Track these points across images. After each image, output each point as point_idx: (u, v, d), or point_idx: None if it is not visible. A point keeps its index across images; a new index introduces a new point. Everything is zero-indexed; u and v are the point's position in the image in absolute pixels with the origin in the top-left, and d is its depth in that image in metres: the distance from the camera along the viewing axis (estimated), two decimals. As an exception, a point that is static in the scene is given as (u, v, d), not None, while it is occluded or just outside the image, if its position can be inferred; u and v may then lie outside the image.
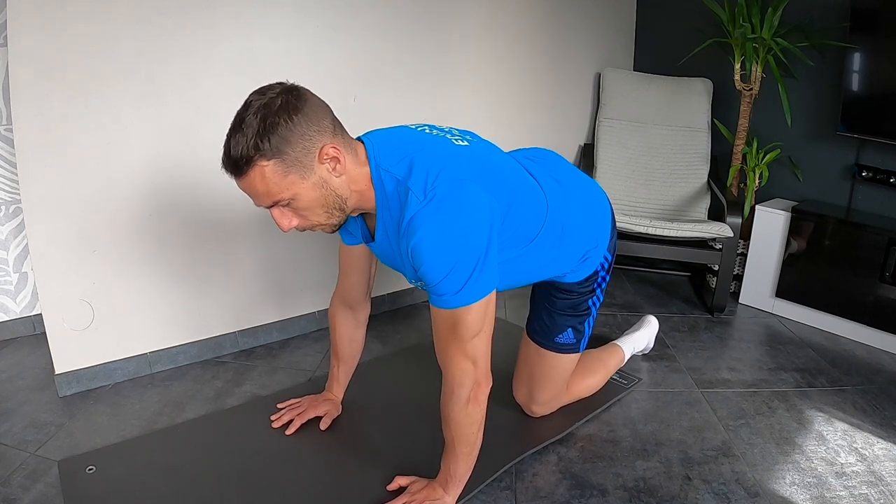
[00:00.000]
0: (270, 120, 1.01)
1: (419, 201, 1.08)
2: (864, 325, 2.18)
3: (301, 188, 1.06)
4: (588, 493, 1.41)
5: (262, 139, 1.00)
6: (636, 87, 2.78)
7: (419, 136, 1.20)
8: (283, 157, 1.02)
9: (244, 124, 1.01)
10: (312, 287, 2.19)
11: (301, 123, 1.03)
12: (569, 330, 1.52)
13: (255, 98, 1.04)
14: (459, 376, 1.17)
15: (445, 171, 1.10)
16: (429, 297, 1.15)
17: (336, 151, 1.08)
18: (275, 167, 1.02)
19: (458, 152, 1.17)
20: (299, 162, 1.04)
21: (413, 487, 1.33)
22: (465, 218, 1.08)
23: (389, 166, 1.13)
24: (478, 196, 1.10)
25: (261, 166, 1.02)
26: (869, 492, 1.43)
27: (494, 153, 1.27)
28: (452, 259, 1.08)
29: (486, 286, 1.13)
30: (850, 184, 2.39)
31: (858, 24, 2.16)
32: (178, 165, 1.81)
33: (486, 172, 1.17)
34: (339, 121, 1.12)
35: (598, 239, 1.45)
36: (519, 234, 1.26)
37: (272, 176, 1.03)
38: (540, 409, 1.63)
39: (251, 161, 1.01)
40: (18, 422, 1.65)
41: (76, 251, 1.71)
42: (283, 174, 1.03)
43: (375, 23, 2.09)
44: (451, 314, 1.13)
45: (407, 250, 1.11)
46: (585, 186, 1.48)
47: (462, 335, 1.13)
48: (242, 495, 1.36)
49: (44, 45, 1.53)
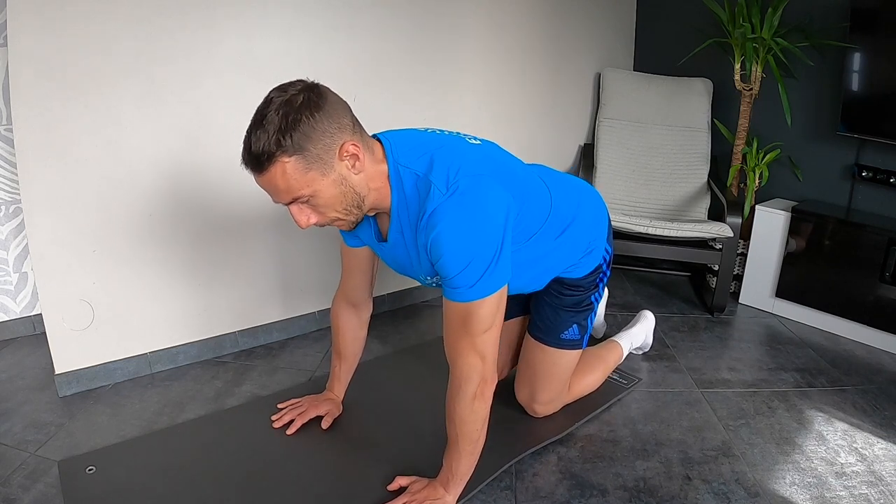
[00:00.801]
0: (293, 116, 1.01)
1: (441, 194, 1.10)
2: (864, 325, 2.18)
3: (321, 185, 1.07)
4: (588, 493, 1.41)
5: (284, 135, 1.01)
6: (636, 87, 2.78)
7: (434, 135, 1.24)
8: (304, 154, 1.03)
9: (265, 120, 1.02)
10: (313, 287, 2.19)
11: (322, 120, 1.03)
12: (574, 326, 1.54)
13: (276, 95, 1.04)
14: (468, 371, 1.18)
15: (465, 167, 1.12)
16: (443, 290, 1.17)
17: (356, 149, 1.09)
18: (296, 163, 1.03)
19: (473, 150, 1.21)
20: (320, 159, 1.05)
21: (413, 487, 1.33)
22: (485, 212, 1.11)
23: (409, 163, 1.15)
24: (496, 191, 1.13)
25: (282, 162, 1.02)
26: (869, 492, 1.43)
27: (503, 152, 1.32)
28: (472, 252, 1.10)
29: (500, 280, 1.15)
30: (850, 184, 2.39)
31: (858, 24, 2.16)
32: (178, 165, 1.81)
33: (501, 169, 1.21)
34: (357, 119, 1.13)
35: (598, 229, 1.50)
36: (528, 228, 1.29)
37: (293, 172, 1.03)
38: (542, 409, 1.63)
39: (273, 157, 1.02)
40: (18, 422, 1.65)
41: (76, 251, 1.71)
42: (304, 171, 1.04)
43: (375, 23, 2.09)
44: (465, 307, 1.14)
45: (426, 244, 1.13)
46: (575, 182, 1.55)
47: (474, 329, 1.15)
48: (243, 495, 1.36)
49: (44, 45, 1.53)
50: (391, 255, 1.30)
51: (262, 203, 1.98)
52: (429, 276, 1.26)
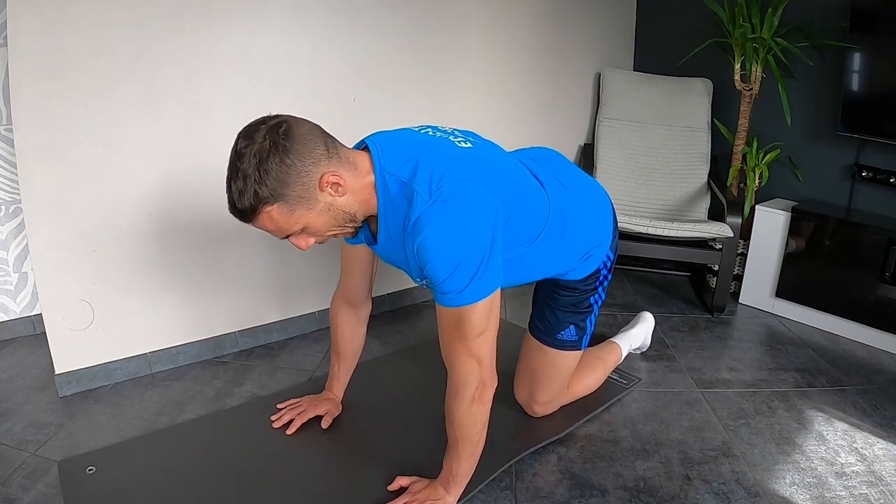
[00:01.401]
0: (263, 167, 1.02)
1: (424, 201, 1.09)
2: (864, 325, 2.18)
3: (309, 217, 1.10)
4: (588, 493, 1.41)
5: (261, 186, 1.02)
6: (636, 87, 2.78)
7: (423, 138, 1.22)
8: (285, 198, 1.05)
9: (240, 173, 1.03)
10: (312, 287, 2.19)
11: (295, 162, 1.04)
12: (571, 327, 1.53)
13: (243, 144, 1.04)
14: (465, 375, 1.18)
15: (450, 172, 1.11)
16: (434, 295, 1.17)
17: (335, 177, 1.09)
18: (280, 208, 1.06)
19: (461, 154, 1.19)
20: (301, 198, 1.07)
21: (414, 487, 1.33)
22: (470, 217, 1.10)
23: (394, 169, 1.14)
24: (482, 196, 1.12)
25: (266, 212, 1.05)
26: (869, 492, 1.43)
27: (497, 154, 1.29)
28: (457, 257, 1.09)
29: (491, 285, 1.14)
30: (850, 184, 2.39)
31: (858, 24, 2.16)
32: (178, 165, 1.81)
33: (490, 173, 1.18)
34: (331, 139, 1.12)
35: (600, 238, 1.46)
36: (522, 234, 1.27)
37: (279, 216, 1.07)
38: (541, 409, 1.63)
39: (256, 209, 1.05)
40: (18, 422, 1.65)
41: (76, 251, 1.71)
42: (289, 212, 1.07)
43: (375, 23, 2.09)
44: (457, 312, 1.14)
45: (413, 249, 1.13)
46: (588, 187, 1.49)
47: (467, 334, 1.15)
48: (242, 495, 1.36)
49: (44, 45, 1.53)
50: (384, 254, 1.30)
51: (262, 203, 1.98)
52: (419, 279, 1.26)
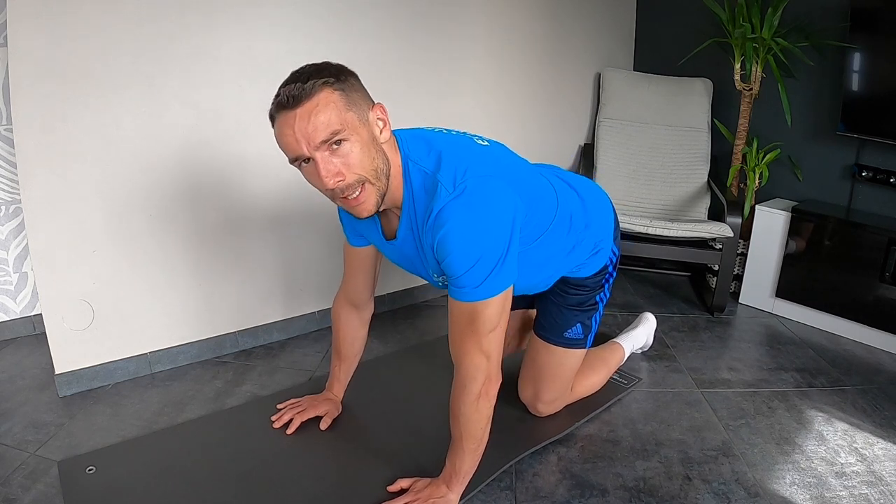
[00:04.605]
0: (336, 67, 1.08)
1: (448, 193, 1.10)
2: (864, 325, 2.18)
3: (356, 131, 1.07)
4: (588, 493, 1.41)
5: (332, 73, 1.06)
6: (636, 87, 2.78)
7: (443, 134, 1.23)
8: (348, 93, 1.06)
9: (308, 66, 1.07)
10: (313, 287, 2.19)
11: (358, 82, 1.10)
12: (578, 325, 1.54)
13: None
14: (473, 371, 1.18)
15: (473, 167, 1.13)
16: (449, 290, 1.18)
17: (384, 114, 1.13)
18: (340, 97, 1.05)
19: (482, 150, 1.21)
20: (358, 105, 1.08)
21: (416, 486, 1.33)
22: (493, 212, 1.11)
23: (419, 159, 1.15)
24: (504, 192, 1.13)
25: (328, 91, 1.04)
26: (869, 492, 1.43)
27: (511, 154, 1.32)
28: (478, 252, 1.10)
29: (506, 281, 1.15)
30: (850, 184, 2.39)
31: (858, 24, 2.16)
32: (178, 166, 1.81)
33: (510, 170, 1.21)
34: None
35: (604, 230, 1.50)
36: (535, 229, 1.29)
37: (337, 102, 1.04)
38: (545, 408, 1.63)
39: (319, 84, 1.04)
40: (18, 422, 1.65)
41: (76, 251, 1.71)
42: (345, 107, 1.06)
43: (375, 25, 2.09)
44: (471, 307, 1.15)
45: (433, 243, 1.13)
46: (585, 182, 1.54)
47: (479, 329, 1.16)
48: (242, 495, 1.36)
49: (44, 45, 1.53)
50: (399, 253, 1.29)
51: (263, 202, 1.98)
52: (436, 275, 1.26)
